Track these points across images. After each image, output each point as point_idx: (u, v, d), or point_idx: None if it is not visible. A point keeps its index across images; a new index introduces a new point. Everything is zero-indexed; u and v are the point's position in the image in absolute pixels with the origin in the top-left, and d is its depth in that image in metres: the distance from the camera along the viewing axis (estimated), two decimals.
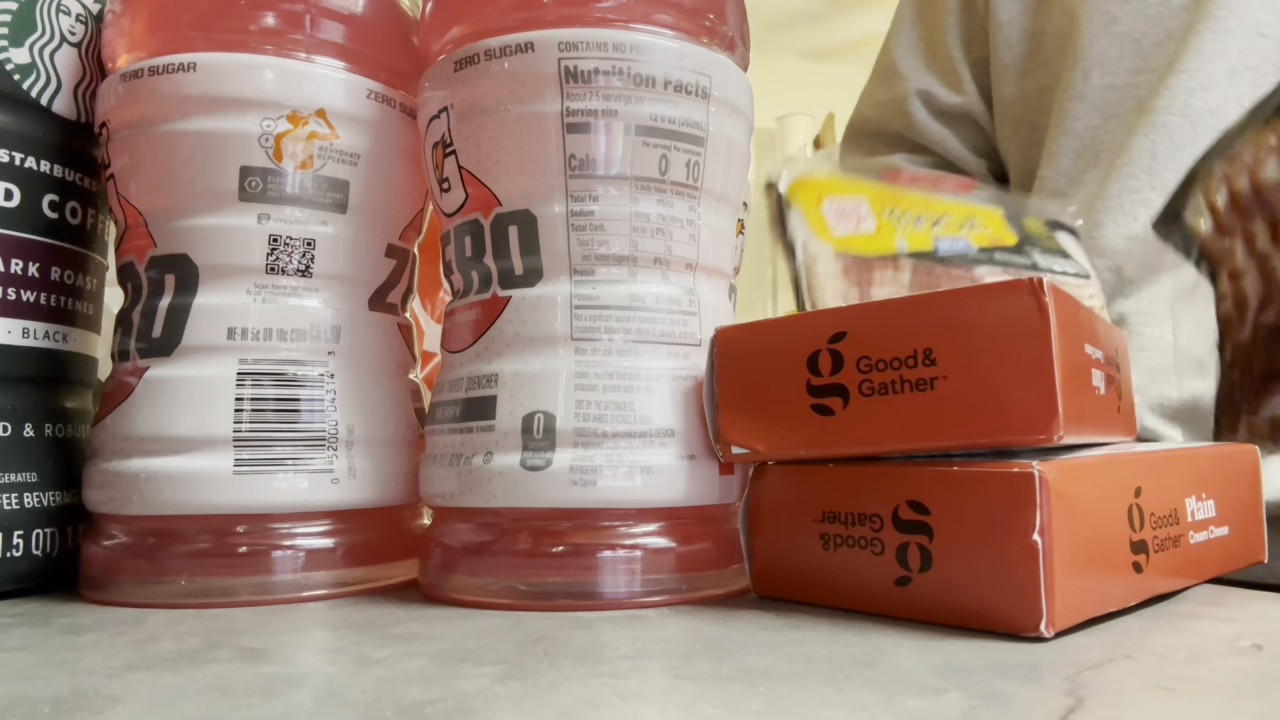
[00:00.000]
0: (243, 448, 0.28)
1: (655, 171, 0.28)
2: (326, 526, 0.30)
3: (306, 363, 0.30)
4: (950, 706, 0.16)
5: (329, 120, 0.30)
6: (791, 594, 0.26)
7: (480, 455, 0.27)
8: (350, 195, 0.31)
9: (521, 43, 0.27)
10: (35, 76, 0.31)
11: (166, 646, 0.22)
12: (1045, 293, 0.21)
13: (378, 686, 0.18)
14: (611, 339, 0.27)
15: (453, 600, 0.27)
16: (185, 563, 0.28)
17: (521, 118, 0.27)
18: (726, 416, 0.26)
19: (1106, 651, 0.20)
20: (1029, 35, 0.57)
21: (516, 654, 0.21)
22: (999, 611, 0.21)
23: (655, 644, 0.21)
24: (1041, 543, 0.20)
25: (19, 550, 0.30)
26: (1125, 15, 0.52)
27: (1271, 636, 0.22)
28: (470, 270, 0.29)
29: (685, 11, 0.28)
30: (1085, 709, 0.16)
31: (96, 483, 0.29)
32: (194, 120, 0.29)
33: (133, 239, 0.31)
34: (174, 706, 0.17)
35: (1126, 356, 0.28)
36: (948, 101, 0.61)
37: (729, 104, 0.29)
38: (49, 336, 0.32)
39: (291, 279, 0.30)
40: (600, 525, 0.27)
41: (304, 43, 0.30)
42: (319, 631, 0.24)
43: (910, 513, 0.22)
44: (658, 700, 0.17)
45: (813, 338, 0.24)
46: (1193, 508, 0.26)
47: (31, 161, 0.31)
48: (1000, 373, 0.21)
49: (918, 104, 0.62)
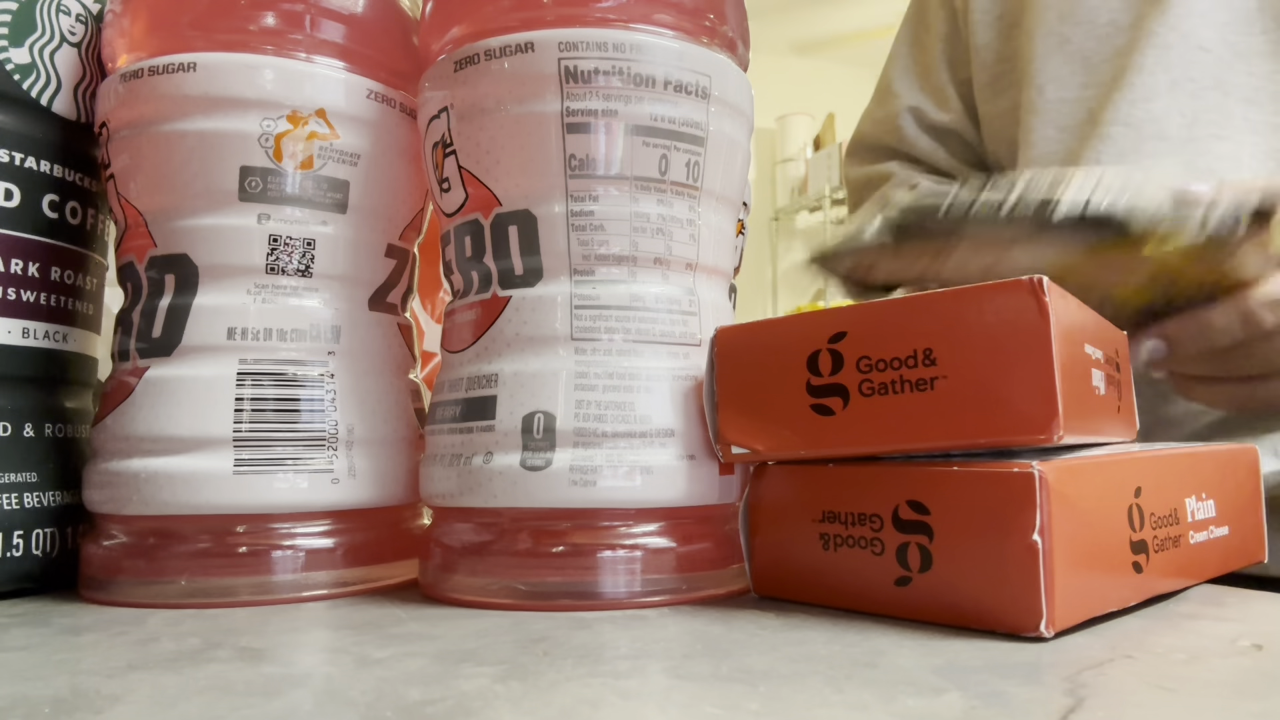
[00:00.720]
0: (243, 448, 0.28)
1: (655, 171, 0.28)
2: (326, 526, 0.30)
3: (306, 363, 0.30)
4: (950, 706, 0.16)
5: (329, 120, 0.30)
6: (791, 594, 0.26)
7: (480, 455, 0.27)
8: (350, 195, 0.31)
9: (521, 43, 0.27)
10: (35, 76, 0.31)
11: (166, 646, 0.22)
12: (1045, 292, 0.21)
13: (378, 686, 0.18)
14: (611, 339, 0.27)
15: (453, 600, 0.27)
16: (185, 563, 0.28)
17: (521, 118, 0.27)
18: (726, 416, 0.26)
19: (1106, 651, 0.20)
20: (1001, 58, 0.61)
21: (516, 654, 0.21)
22: (999, 611, 0.21)
23: (655, 644, 0.21)
24: (1041, 543, 0.20)
25: (19, 550, 0.30)
26: (1077, 36, 0.55)
27: (1271, 636, 0.22)
28: (470, 270, 0.29)
29: (685, 11, 0.28)
30: (1085, 709, 0.16)
31: (96, 483, 0.29)
32: (194, 120, 0.29)
33: (133, 239, 0.31)
34: (174, 706, 0.17)
35: (1127, 356, 0.28)
36: (936, 119, 0.65)
37: (729, 104, 0.29)
38: (49, 336, 0.32)
39: (291, 279, 0.30)
40: (600, 525, 0.27)
41: (304, 43, 0.30)
42: (319, 631, 0.24)
43: (910, 513, 0.22)
44: (658, 700, 0.17)
45: (813, 338, 0.24)
46: (1193, 508, 0.26)
47: (31, 161, 0.31)
48: (1000, 373, 0.21)
49: (909, 120, 0.66)
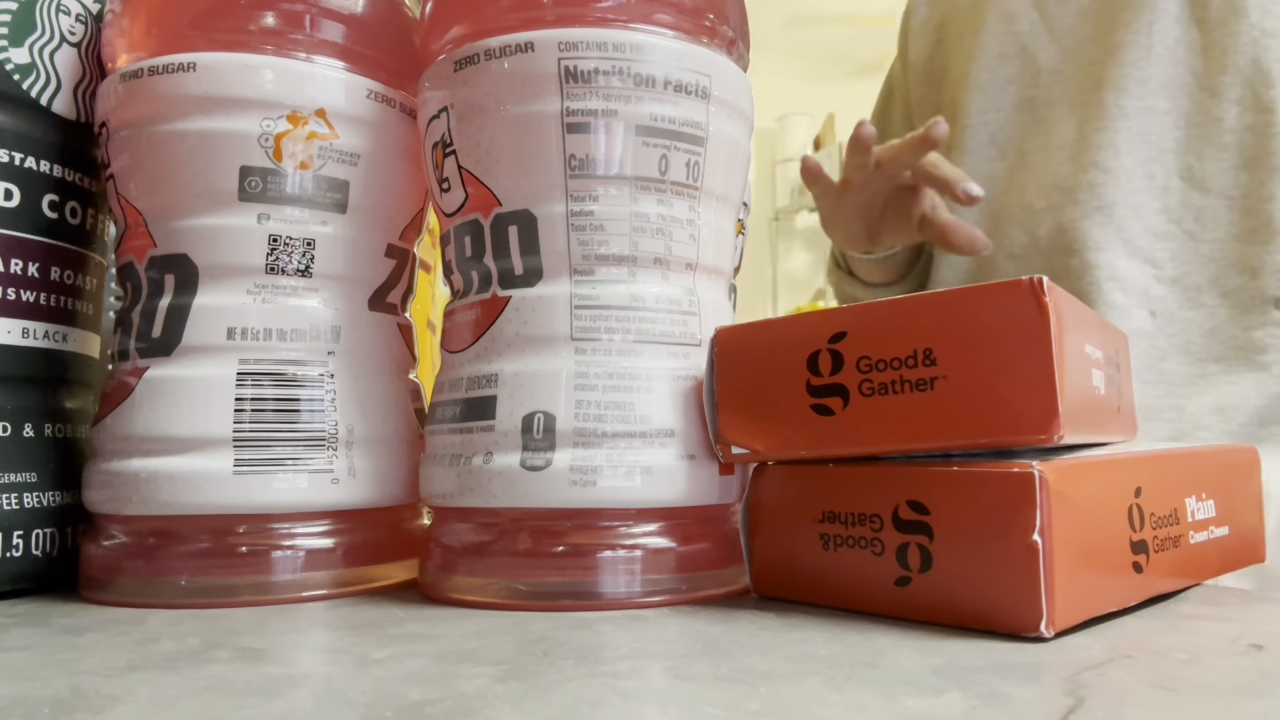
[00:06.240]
0: (243, 448, 0.28)
1: (655, 171, 0.28)
2: (326, 526, 0.30)
3: (306, 363, 0.30)
4: (950, 706, 0.16)
5: (329, 120, 0.30)
6: (791, 594, 0.26)
7: (480, 455, 0.27)
8: (350, 195, 0.31)
9: (521, 43, 0.27)
10: (35, 76, 0.31)
11: (166, 646, 0.22)
12: (1045, 292, 0.21)
13: (378, 686, 0.18)
14: (611, 339, 0.27)
15: (453, 600, 0.27)
16: (185, 563, 0.28)
17: (521, 118, 0.27)
18: (726, 416, 0.26)
19: (1106, 651, 0.20)
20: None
21: (516, 654, 0.21)
22: (999, 611, 0.21)
23: (655, 644, 0.21)
24: (1041, 543, 0.20)
25: (19, 550, 0.30)
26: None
27: (1271, 636, 0.22)
28: (470, 270, 0.29)
29: (685, 11, 0.28)
30: (1085, 709, 0.16)
31: (96, 483, 0.29)
32: (194, 120, 0.29)
33: (133, 239, 0.31)
34: (174, 706, 0.17)
35: (1127, 356, 0.28)
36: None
37: (729, 104, 0.29)
38: (49, 336, 0.32)
39: (291, 279, 0.30)
40: (600, 525, 0.27)
41: (304, 43, 0.30)
42: (319, 631, 0.24)
43: (910, 513, 0.22)
44: (658, 700, 0.17)
45: (813, 338, 0.24)
46: (1193, 508, 0.26)
47: (31, 161, 0.31)
48: (1000, 373, 0.21)
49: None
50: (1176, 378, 0.59)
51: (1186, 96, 0.62)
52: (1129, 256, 0.61)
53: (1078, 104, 0.65)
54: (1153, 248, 0.61)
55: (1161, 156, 0.62)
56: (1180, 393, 0.59)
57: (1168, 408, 0.59)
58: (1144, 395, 0.57)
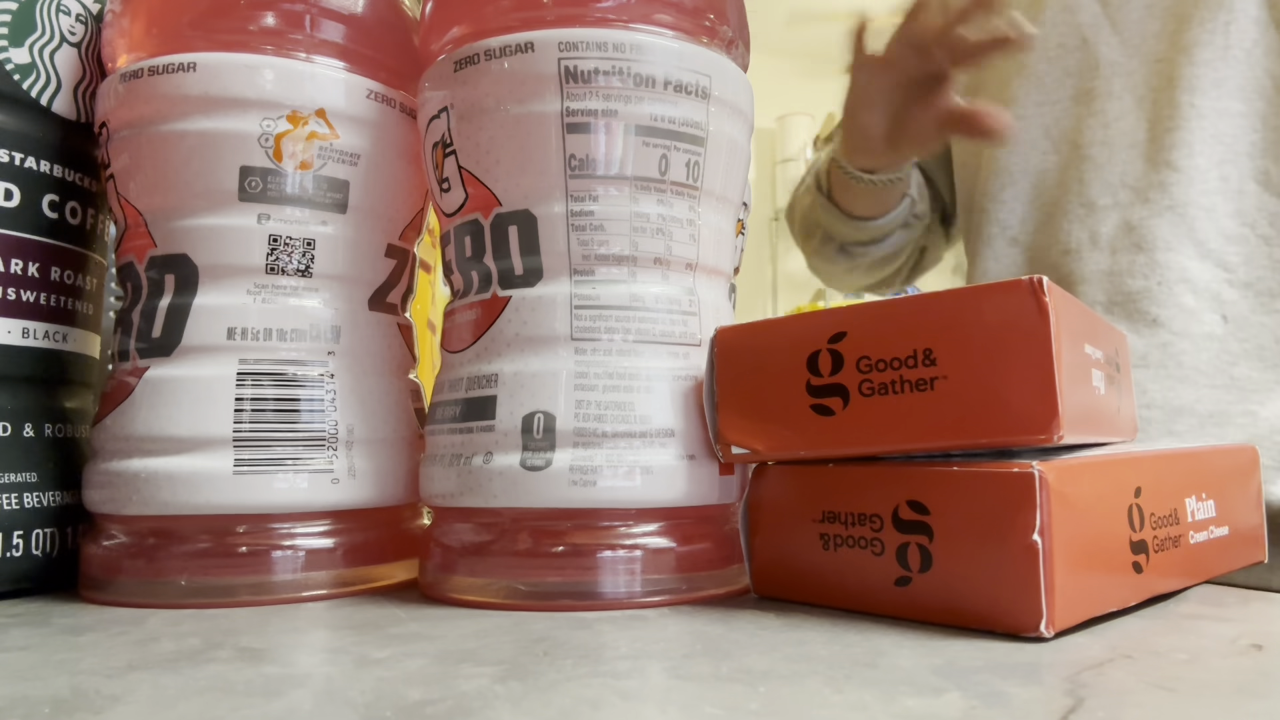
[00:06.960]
0: (243, 448, 0.28)
1: (655, 171, 0.28)
2: (326, 526, 0.30)
3: (306, 363, 0.30)
4: (950, 706, 0.16)
5: (329, 120, 0.30)
6: (791, 594, 0.26)
7: (480, 455, 0.27)
8: (350, 195, 0.31)
9: (521, 43, 0.27)
10: (35, 76, 0.31)
11: (166, 646, 0.22)
12: (1045, 292, 0.21)
13: (378, 686, 0.18)
14: (611, 339, 0.27)
15: (453, 600, 0.27)
16: (185, 563, 0.28)
17: (521, 118, 0.27)
18: (726, 416, 0.26)
19: (1106, 651, 0.20)
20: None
21: (516, 654, 0.21)
22: (999, 611, 0.21)
23: (655, 644, 0.21)
24: (1041, 543, 0.20)
25: (19, 550, 0.30)
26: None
27: (1271, 636, 0.22)
28: (470, 270, 0.29)
29: (685, 11, 0.28)
30: (1085, 709, 0.16)
31: (96, 483, 0.29)
32: (194, 120, 0.29)
33: (133, 239, 0.31)
34: (174, 706, 0.17)
35: (1127, 357, 0.28)
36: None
37: (729, 104, 0.29)
38: (49, 336, 0.32)
39: (291, 279, 0.30)
40: (600, 525, 0.27)
41: (304, 43, 0.30)
42: (319, 631, 0.24)
43: (910, 513, 0.22)
44: (658, 700, 0.17)
45: (813, 338, 0.24)
46: (1193, 508, 0.26)
47: (31, 161, 0.31)
48: (1000, 373, 0.21)
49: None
50: (1249, 383, 0.58)
51: (1264, 100, 0.60)
52: (1200, 259, 0.59)
53: (1146, 101, 0.62)
54: (1225, 250, 0.59)
55: (1236, 159, 0.60)
56: (1254, 399, 0.57)
57: (1241, 413, 0.57)
58: (1216, 401, 0.56)
